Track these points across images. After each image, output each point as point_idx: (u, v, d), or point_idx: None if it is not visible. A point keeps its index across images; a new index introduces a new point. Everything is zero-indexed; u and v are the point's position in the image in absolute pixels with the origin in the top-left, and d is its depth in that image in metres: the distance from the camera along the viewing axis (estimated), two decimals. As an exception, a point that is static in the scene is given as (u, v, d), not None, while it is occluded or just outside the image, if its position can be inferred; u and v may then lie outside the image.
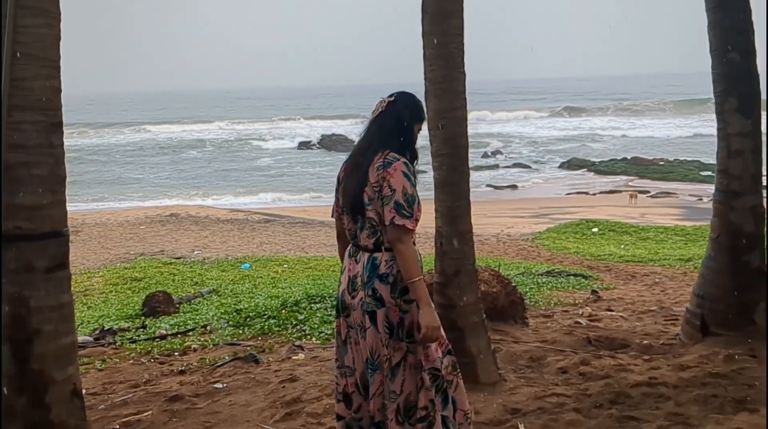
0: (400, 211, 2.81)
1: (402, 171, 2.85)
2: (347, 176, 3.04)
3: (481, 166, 37.71)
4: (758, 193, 5.72)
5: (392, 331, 2.88)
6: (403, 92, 3.12)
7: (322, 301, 8.39)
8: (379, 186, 2.86)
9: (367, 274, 2.91)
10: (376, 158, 2.90)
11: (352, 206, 2.95)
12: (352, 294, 2.97)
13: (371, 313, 2.89)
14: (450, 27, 4.39)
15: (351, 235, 3.03)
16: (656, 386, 4.50)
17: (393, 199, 2.82)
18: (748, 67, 5.60)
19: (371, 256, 2.92)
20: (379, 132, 3.00)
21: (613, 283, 11.53)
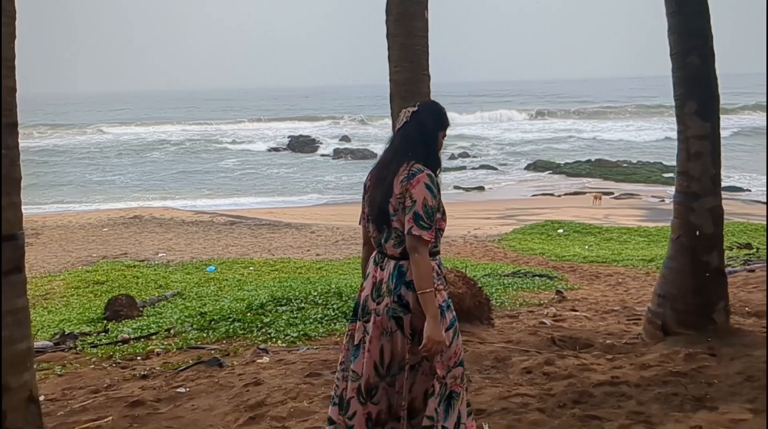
0: (418, 222, 2.84)
1: (424, 183, 2.87)
2: (372, 187, 3.06)
3: (449, 167, 37.87)
4: (717, 194, 5.84)
5: (414, 336, 2.92)
6: (426, 101, 3.16)
7: (288, 303, 8.33)
8: (402, 197, 2.89)
9: (394, 281, 2.94)
10: (401, 170, 2.92)
11: (377, 216, 2.99)
12: (377, 300, 2.99)
13: (397, 318, 2.92)
14: (414, 29, 4.40)
15: (376, 243, 3.06)
16: (618, 385, 4.56)
17: (413, 209, 2.85)
18: (707, 70, 5.71)
19: (398, 264, 2.95)
20: (403, 143, 3.01)
21: (577, 284, 11.67)
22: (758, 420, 3.89)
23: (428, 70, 4.49)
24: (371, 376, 3.00)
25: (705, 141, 5.72)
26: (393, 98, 4.50)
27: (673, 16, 5.72)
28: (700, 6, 5.64)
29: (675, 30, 5.72)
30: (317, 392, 4.60)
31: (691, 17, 5.64)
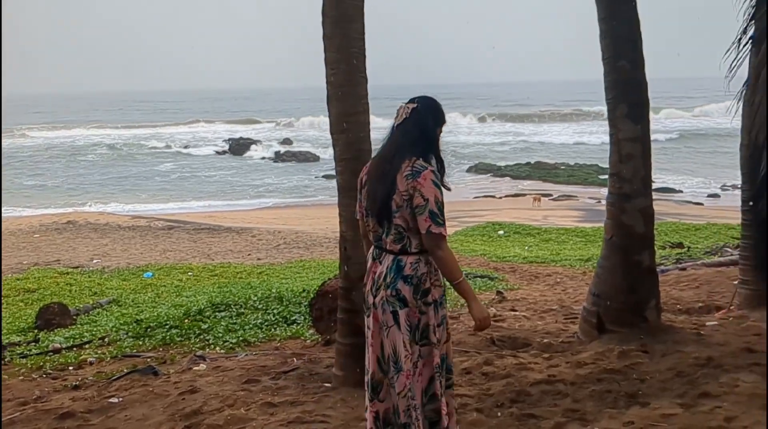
0: (435, 220, 2.88)
1: (432, 180, 2.90)
2: (372, 181, 3.07)
3: (391, 170, 38.02)
4: (648, 195, 6.01)
5: (413, 332, 2.98)
6: (424, 97, 3.16)
7: (227, 309, 8.21)
8: (408, 195, 2.90)
9: (392, 274, 2.98)
10: (403, 166, 2.94)
11: (379, 212, 3.00)
12: (375, 294, 3.04)
13: (394, 312, 2.97)
14: (351, 31, 4.37)
15: (375, 238, 3.09)
16: (555, 383, 4.63)
17: (427, 208, 2.88)
18: (637, 75, 5.87)
19: (396, 258, 2.99)
20: (405, 139, 3.03)
21: (517, 284, 11.84)
22: (687, 414, 4.01)
23: (365, 72, 4.48)
24: (376, 372, 3.06)
25: (636, 143, 5.88)
26: (330, 100, 4.47)
27: (604, 22, 5.86)
28: (630, 12, 5.80)
29: (606, 35, 5.86)
30: (255, 399, 4.53)
31: (621, 23, 5.79)
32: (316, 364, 5.36)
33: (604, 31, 5.90)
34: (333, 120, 4.49)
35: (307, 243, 17.57)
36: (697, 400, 4.25)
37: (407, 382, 2.98)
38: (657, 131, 45.95)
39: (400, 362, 2.98)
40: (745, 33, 7.02)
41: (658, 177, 31.60)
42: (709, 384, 4.53)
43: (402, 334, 2.96)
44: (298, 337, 7.02)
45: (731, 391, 4.34)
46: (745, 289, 7.44)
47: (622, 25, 5.80)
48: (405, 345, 2.96)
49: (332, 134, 4.52)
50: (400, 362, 2.98)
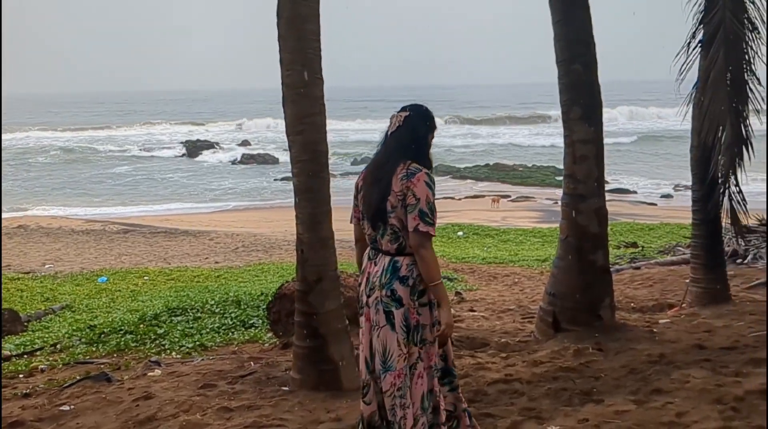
0: (423, 219, 2.97)
1: (425, 181, 3.01)
2: (367, 187, 3.17)
3: (352, 172, 37.97)
4: (601, 196, 6.12)
5: (409, 332, 3.04)
6: (415, 105, 3.27)
7: (183, 313, 8.08)
8: (403, 195, 3.01)
9: (388, 275, 3.05)
10: (398, 169, 3.04)
11: (374, 214, 3.09)
12: (369, 293, 3.12)
13: (388, 312, 3.03)
14: (306, 32, 4.35)
15: (371, 240, 3.18)
16: (511, 382, 4.68)
17: (417, 207, 2.98)
18: (590, 77, 5.97)
19: (392, 259, 3.07)
20: (398, 144, 3.13)
21: (476, 285, 11.93)
22: (640, 410, 4.08)
23: (321, 74, 4.46)
24: (363, 372, 3.15)
25: (589, 145, 5.98)
26: (286, 101, 4.44)
27: (558, 25, 5.95)
28: (583, 16, 5.90)
29: (560, 38, 5.95)
30: (211, 404, 4.47)
31: (574, 26, 5.89)
32: (273, 368, 5.31)
33: (558, 34, 5.99)
34: (289, 121, 4.46)
35: (266, 246, 17.41)
36: (650, 396, 4.34)
37: (396, 381, 3.02)
38: (615, 134, 46.92)
39: (390, 361, 3.03)
40: (694, 37, 7.20)
41: (614, 178, 32.22)
42: (661, 380, 4.63)
43: (396, 333, 3.02)
44: (256, 340, 6.96)
45: (682, 387, 4.44)
46: (696, 287, 7.63)
47: (575, 28, 5.89)
48: (399, 345, 3.02)
49: (288, 136, 4.50)
50: (390, 361, 3.03)
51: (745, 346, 5.44)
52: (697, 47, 7.16)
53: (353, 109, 77.35)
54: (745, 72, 7.03)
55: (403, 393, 3.03)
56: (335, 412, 4.23)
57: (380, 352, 3.05)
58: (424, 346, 3.07)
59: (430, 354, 3.09)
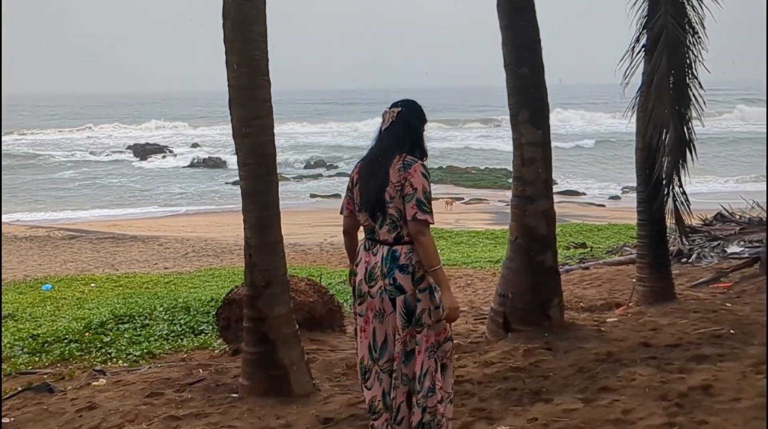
0: (421, 208, 3.14)
1: (421, 172, 3.18)
2: (364, 179, 3.31)
3: (305, 175, 37.80)
4: (549, 197, 6.20)
5: (410, 317, 3.20)
6: (407, 100, 3.47)
7: (131, 320, 7.90)
8: (400, 185, 3.17)
9: (388, 265, 3.20)
10: (394, 161, 3.21)
11: (373, 205, 3.23)
12: (370, 283, 3.25)
13: (393, 300, 3.20)
14: (253, 34, 4.30)
15: (368, 231, 3.32)
16: (462, 383, 4.69)
17: (415, 196, 3.14)
18: (538, 81, 6.05)
19: (391, 249, 3.21)
20: (392, 139, 3.30)
21: (429, 287, 11.95)
22: (588, 408, 4.14)
23: (268, 76, 4.41)
24: (365, 358, 3.30)
25: (537, 147, 6.05)
26: (232, 103, 4.38)
27: (505, 29, 6.01)
28: (529, 20, 5.97)
29: (507, 42, 6.01)
30: (158, 413, 4.36)
31: (521, 30, 5.95)
32: (222, 375, 5.22)
33: (505, 38, 6.05)
34: (235, 124, 4.40)
35: (217, 250, 17.19)
36: (597, 395, 4.41)
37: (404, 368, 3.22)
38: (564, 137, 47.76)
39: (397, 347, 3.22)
40: (638, 41, 7.37)
41: (564, 180, 32.79)
42: (608, 378, 4.71)
43: (399, 319, 3.19)
44: (206, 347, 6.84)
45: (628, 385, 4.52)
46: (642, 286, 7.79)
47: (521, 32, 5.96)
48: (402, 329, 3.20)
49: (235, 139, 4.43)
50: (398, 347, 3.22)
51: (689, 343, 5.58)
52: (641, 52, 7.34)
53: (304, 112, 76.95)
54: (687, 76, 7.22)
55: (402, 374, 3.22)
56: (285, 418, 4.19)
57: (387, 337, 3.25)
58: (422, 329, 3.22)
59: (428, 336, 3.23)
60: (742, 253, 10.85)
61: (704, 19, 7.26)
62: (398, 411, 3.25)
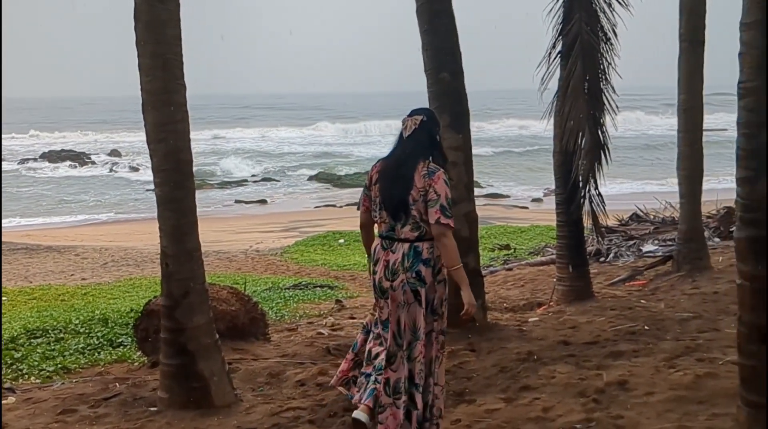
0: (444, 213, 3.43)
1: (444, 179, 3.48)
2: (390, 181, 3.56)
3: (229, 181, 37.17)
4: (471, 200, 6.29)
5: (428, 306, 3.52)
6: (425, 109, 3.86)
7: (44, 334, 7.55)
8: (425, 190, 3.45)
9: (410, 259, 3.48)
10: (419, 167, 3.48)
11: (397, 206, 3.50)
12: (391, 278, 3.51)
13: (415, 291, 3.48)
14: (166, 36, 4.18)
15: (387, 229, 3.57)
16: (387, 388, 4.68)
17: (439, 202, 3.43)
18: (457, 86, 6.14)
19: (413, 245, 3.50)
20: (416, 145, 3.57)
21: (357, 292, 11.94)
22: (510, 408, 4.21)
23: (183, 79, 4.30)
24: (392, 345, 3.54)
25: (459, 152, 6.13)
26: (146, 108, 4.25)
27: (425, 34, 6.07)
28: (449, 25, 6.05)
29: (427, 47, 6.07)
30: (70, 431, 4.18)
31: (441, 36, 6.03)
32: (140, 388, 5.04)
33: (425, 43, 6.11)
34: (149, 129, 4.27)
35: (138, 260, 16.65)
36: (519, 394, 4.49)
37: (423, 349, 3.52)
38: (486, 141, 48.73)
39: (419, 332, 3.52)
40: (554, 47, 7.58)
41: (489, 184, 33.42)
42: (529, 377, 4.80)
43: (422, 309, 3.50)
44: (125, 360, 6.60)
45: (548, 383, 4.63)
46: (562, 286, 8.01)
47: (442, 38, 6.03)
48: (423, 317, 3.51)
49: (149, 144, 4.30)
50: (419, 332, 3.52)
51: (606, 340, 5.76)
52: (557, 57, 7.55)
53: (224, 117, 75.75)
54: (601, 81, 7.48)
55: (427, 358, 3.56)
56: (206, 430, 4.08)
57: (410, 326, 3.52)
58: (438, 318, 3.60)
59: (441, 324, 3.62)
60: (656, 251, 11.32)
61: (616, 26, 7.55)
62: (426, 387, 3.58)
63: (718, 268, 8.75)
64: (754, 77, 3.22)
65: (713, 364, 4.65)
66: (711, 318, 6.30)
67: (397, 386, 3.53)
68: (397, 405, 3.52)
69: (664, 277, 9.05)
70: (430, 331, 3.56)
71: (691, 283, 8.22)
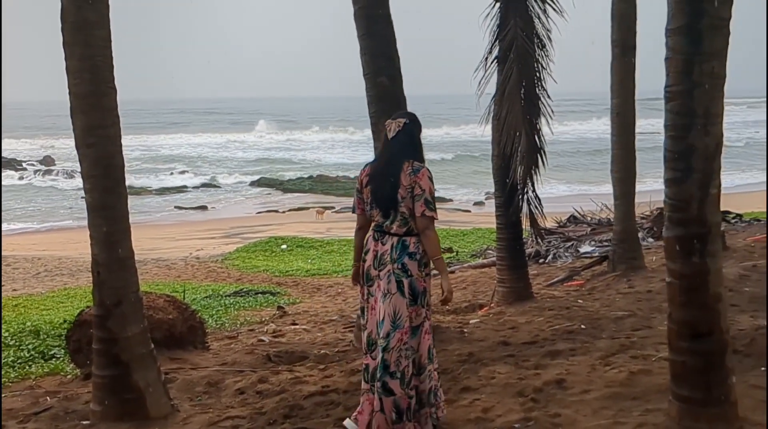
0: (428, 206, 3.69)
1: (428, 176, 3.75)
2: (378, 182, 3.82)
3: (168, 187, 36.42)
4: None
5: (416, 298, 3.71)
6: (409, 112, 4.08)
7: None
8: (411, 187, 3.70)
9: (397, 252, 3.72)
10: (404, 167, 3.73)
11: (387, 204, 3.75)
12: (379, 268, 3.75)
13: (399, 282, 3.69)
14: (94, 38, 4.06)
15: (377, 225, 3.82)
16: (328, 394, 4.66)
17: (423, 197, 3.69)
18: (396, 90, 6.15)
19: (401, 239, 3.73)
20: (401, 146, 3.84)
21: (299, 297, 11.86)
22: (450, 409, 4.22)
23: (113, 83, 4.18)
24: (373, 332, 3.76)
25: (398, 155, 6.14)
26: (74, 112, 4.11)
27: (363, 39, 6.08)
28: (386, 30, 6.07)
29: (365, 51, 6.08)
30: (-5, 450, 4.00)
31: (378, 40, 6.04)
32: (72, 401, 4.88)
33: (363, 47, 6.11)
34: (78, 134, 4.13)
35: (72, 269, 16.13)
36: (459, 395, 4.51)
37: (402, 337, 3.68)
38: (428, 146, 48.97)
39: (399, 321, 3.69)
40: (491, 52, 7.68)
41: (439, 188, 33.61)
42: (469, 378, 4.84)
43: (405, 299, 3.68)
44: (57, 373, 6.36)
45: (488, 383, 4.67)
46: (502, 287, 8.12)
47: (379, 42, 6.04)
48: (406, 307, 3.68)
49: (78, 149, 4.17)
50: (400, 321, 3.69)
51: (544, 339, 5.86)
52: (494, 62, 7.66)
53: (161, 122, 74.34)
54: (536, 87, 7.62)
55: (407, 346, 3.69)
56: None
57: (390, 315, 3.68)
58: (429, 308, 3.82)
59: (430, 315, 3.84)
60: (593, 252, 11.60)
61: (551, 32, 7.70)
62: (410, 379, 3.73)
63: (652, 268, 9.01)
64: (680, 81, 3.33)
65: (647, 361, 4.77)
66: (645, 316, 6.48)
67: (375, 373, 3.73)
68: (373, 391, 3.74)
69: (600, 277, 9.27)
70: (419, 324, 3.75)
71: (626, 283, 8.44)
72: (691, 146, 3.30)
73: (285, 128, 70.50)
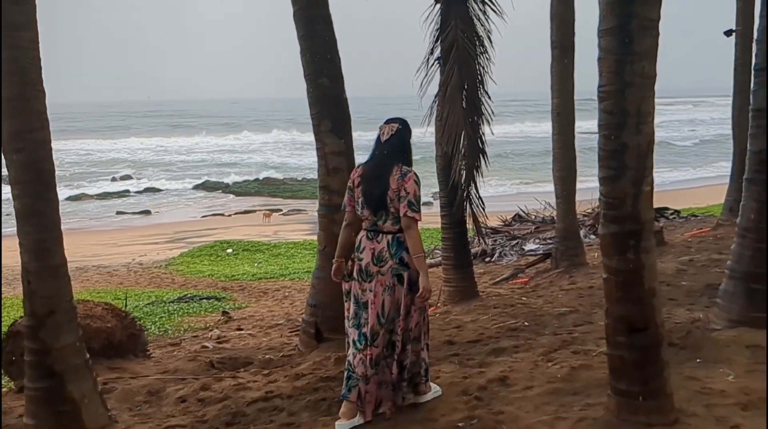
0: (411, 207, 3.93)
1: (414, 179, 3.98)
2: (369, 182, 4.04)
3: (110, 192, 35.51)
4: (355, 205, 6.26)
5: (411, 286, 3.97)
6: (400, 118, 4.25)
7: None
8: (398, 190, 3.94)
9: (395, 248, 3.98)
10: (394, 170, 3.98)
11: (377, 205, 3.99)
12: (379, 264, 4.00)
13: (399, 275, 3.97)
14: (21, 40, 3.91)
15: (371, 223, 4.05)
16: (271, 399, 4.59)
17: (407, 198, 3.93)
18: (337, 91, 6.11)
19: (395, 236, 3.99)
20: (391, 150, 4.07)
21: (245, 302, 11.71)
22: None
23: (42, 85, 4.03)
24: (374, 324, 3.98)
25: (341, 157, 6.12)
26: (1, 116, 3.94)
27: (303, 40, 6.02)
28: (325, 31, 6.02)
29: (306, 52, 6.02)
30: None
31: (318, 41, 5.99)
32: (5, 416, 4.70)
33: (304, 48, 6.05)
34: (5, 139, 3.97)
35: (8, 278, 15.56)
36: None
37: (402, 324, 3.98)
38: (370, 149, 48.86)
39: (401, 309, 3.97)
40: (432, 53, 7.72)
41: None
42: (414, 379, 4.82)
43: (403, 288, 3.96)
44: (-11, 387, 6.13)
45: (434, 383, 4.66)
46: (448, 287, 8.17)
47: (319, 43, 6.00)
48: (404, 296, 3.97)
49: (5, 154, 4.00)
50: (402, 311, 3.97)
51: (489, 337, 5.91)
52: (436, 63, 7.70)
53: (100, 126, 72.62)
54: (478, 88, 7.69)
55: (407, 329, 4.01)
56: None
57: (394, 306, 3.97)
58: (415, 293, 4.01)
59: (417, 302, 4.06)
60: (537, 250, 11.79)
61: (491, 33, 7.79)
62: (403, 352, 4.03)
63: (594, 264, 9.19)
64: (612, 81, 3.39)
65: (587, 356, 4.85)
66: (586, 312, 6.60)
67: (378, 360, 3.99)
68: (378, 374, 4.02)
69: (543, 274, 9.42)
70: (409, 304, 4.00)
71: (568, 279, 8.59)
72: (624, 145, 3.37)
73: (229, 131, 69.51)
